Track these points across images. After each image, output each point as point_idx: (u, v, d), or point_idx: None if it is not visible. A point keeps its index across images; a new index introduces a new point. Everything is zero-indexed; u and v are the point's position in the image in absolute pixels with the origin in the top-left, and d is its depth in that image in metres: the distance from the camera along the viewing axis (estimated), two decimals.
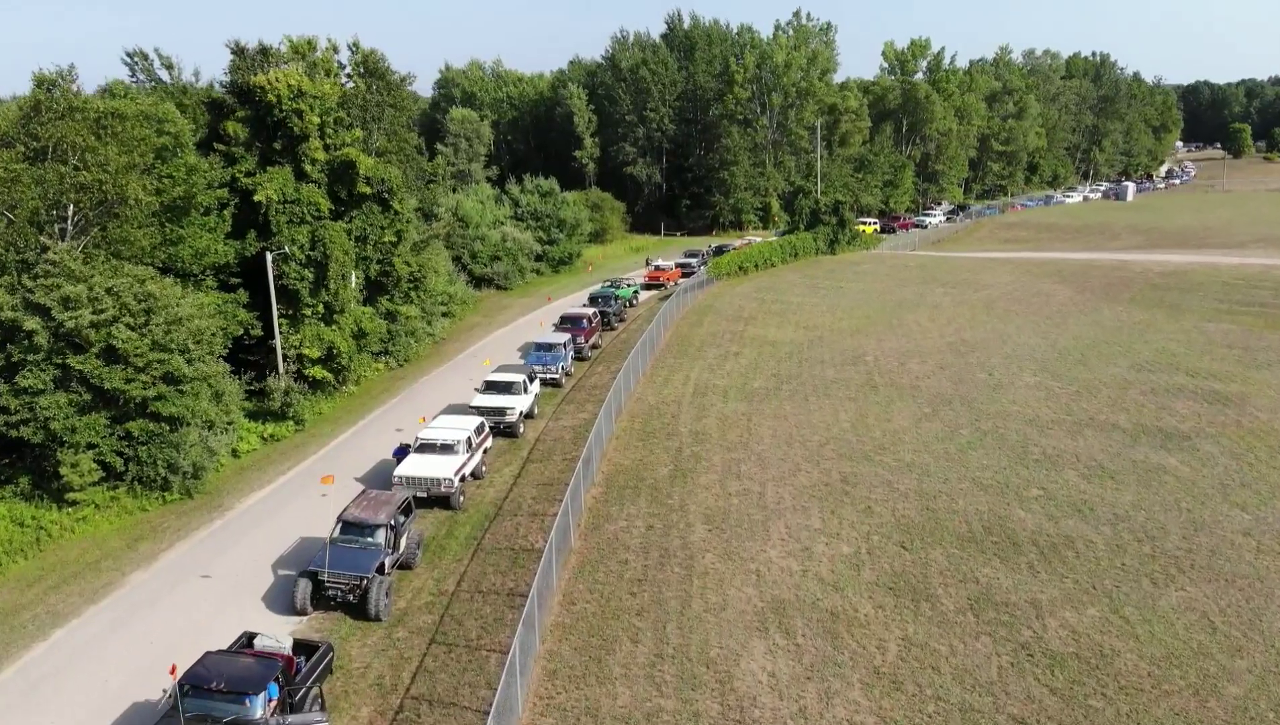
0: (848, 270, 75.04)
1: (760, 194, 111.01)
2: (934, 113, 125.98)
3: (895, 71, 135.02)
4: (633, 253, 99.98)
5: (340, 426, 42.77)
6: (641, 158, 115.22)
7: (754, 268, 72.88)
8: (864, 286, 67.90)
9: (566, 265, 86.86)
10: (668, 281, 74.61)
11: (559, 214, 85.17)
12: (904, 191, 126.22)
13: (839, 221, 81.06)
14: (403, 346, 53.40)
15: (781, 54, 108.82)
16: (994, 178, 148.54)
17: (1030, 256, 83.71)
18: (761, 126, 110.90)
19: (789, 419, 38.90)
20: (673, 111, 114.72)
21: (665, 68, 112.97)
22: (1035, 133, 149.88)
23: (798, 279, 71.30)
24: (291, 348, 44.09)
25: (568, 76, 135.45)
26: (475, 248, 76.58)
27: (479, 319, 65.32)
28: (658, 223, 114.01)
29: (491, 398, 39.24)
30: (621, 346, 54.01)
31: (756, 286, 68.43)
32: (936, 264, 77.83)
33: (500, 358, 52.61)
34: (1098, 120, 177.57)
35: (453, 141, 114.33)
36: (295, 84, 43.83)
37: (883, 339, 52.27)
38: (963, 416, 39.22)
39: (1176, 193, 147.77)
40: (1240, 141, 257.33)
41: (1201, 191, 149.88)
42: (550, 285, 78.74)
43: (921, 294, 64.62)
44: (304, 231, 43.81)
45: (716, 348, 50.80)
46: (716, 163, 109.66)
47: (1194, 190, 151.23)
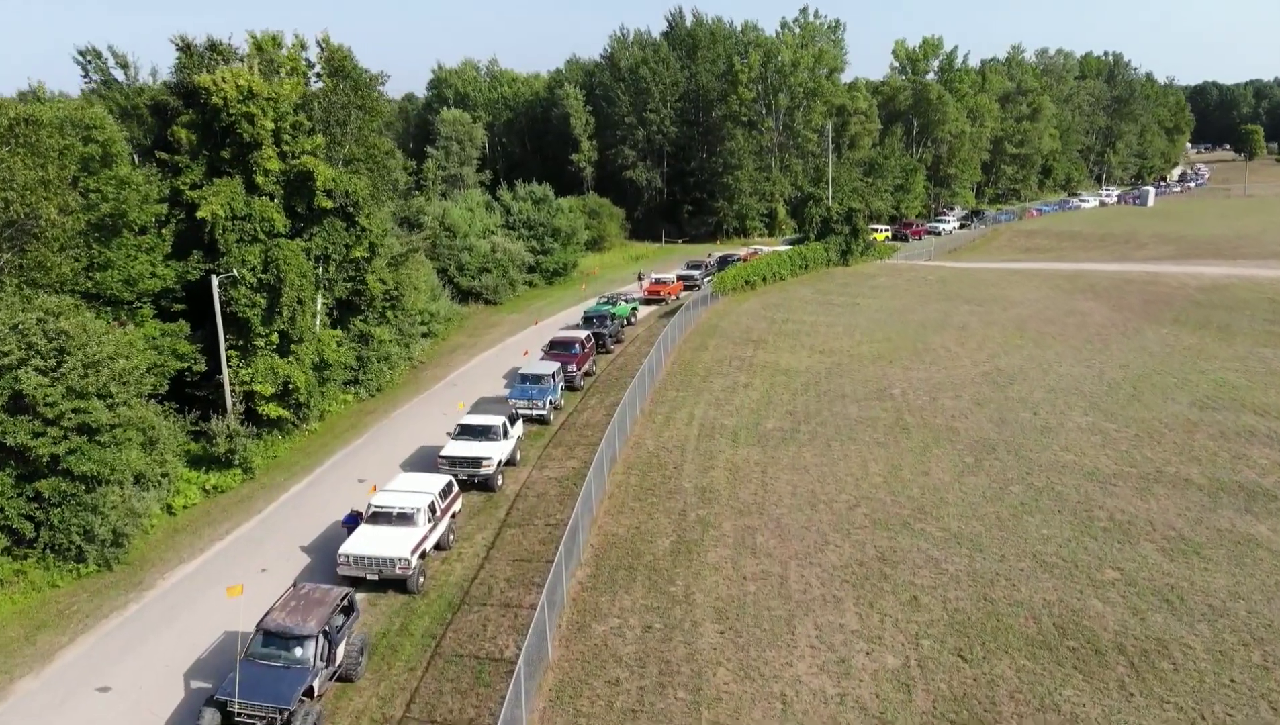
0: (863, 284, 69.73)
1: (766, 199, 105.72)
2: (946, 114, 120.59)
3: (906, 71, 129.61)
4: (632, 262, 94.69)
5: (296, 473, 37.47)
6: (641, 161, 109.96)
7: (761, 281, 67.63)
8: (882, 303, 62.58)
9: (561, 276, 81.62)
10: (669, 296, 69.33)
11: (553, 222, 79.92)
12: (915, 196, 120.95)
13: (852, 231, 75.78)
14: (375, 374, 48.14)
15: (788, 53, 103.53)
16: (1007, 182, 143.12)
17: (1055, 268, 78.37)
18: (767, 128, 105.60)
19: (810, 471, 33.58)
20: (674, 113, 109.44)
21: (666, 67, 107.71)
22: (1050, 135, 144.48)
23: (809, 294, 65.99)
24: (241, 383, 38.81)
25: (564, 76, 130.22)
26: (463, 259, 71.35)
27: (463, 339, 60.04)
28: (658, 229, 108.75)
29: (465, 446, 33.89)
30: (618, 373, 48.72)
31: (765, 303, 63.13)
32: (957, 277, 72.52)
33: (482, 387, 47.31)
34: (1111, 122, 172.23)
35: (443, 145, 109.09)
36: (245, 84, 38.53)
37: (909, 367, 46.95)
38: (1011, 468, 33.90)
39: (1195, 197, 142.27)
40: (1253, 143, 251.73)
41: (1222, 196, 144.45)
42: (543, 298, 73.48)
43: (946, 313, 59.29)
44: (255, 251, 38.53)
45: (723, 377, 45.49)
46: (720, 167, 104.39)
47: (1213, 195, 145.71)
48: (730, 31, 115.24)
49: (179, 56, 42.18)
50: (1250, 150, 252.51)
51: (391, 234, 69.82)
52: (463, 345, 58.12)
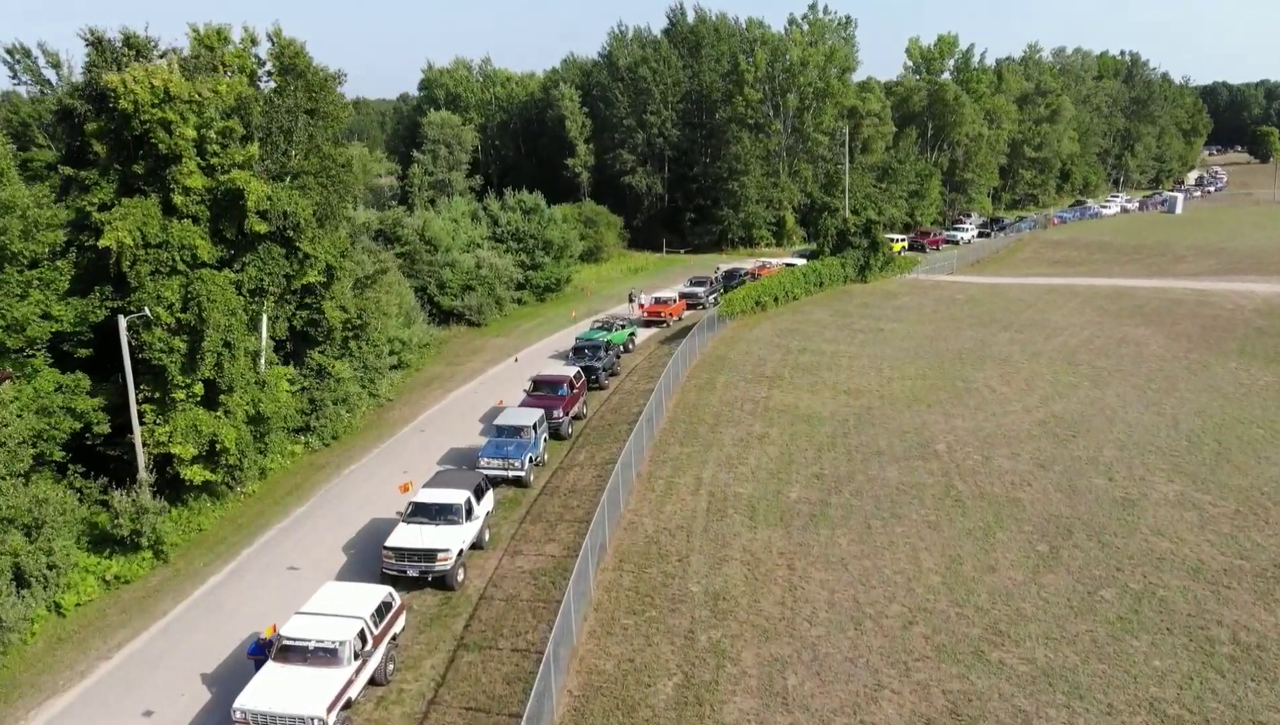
0: (885, 305, 63.14)
1: (774, 207, 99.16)
2: (963, 116, 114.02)
3: (920, 71, 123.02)
4: (631, 275, 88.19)
5: (219, 556, 30.94)
6: (641, 166, 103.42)
7: (773, 302, 61.07)
8: (909, 328, 55.98)
9: (554, 292, 75.12)
10: (670, 317, 62.77)
11: (544, 234, 73.39)
12: (930, 203, 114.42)
13: (871, 244, 69.23)
14: (330, 420, 41.59)
15: (796, 51, 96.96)
16: (1025, 187, 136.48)
17: (1091, 285, 71.83)
18: (775, 131, 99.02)
19: (849, 566, 27.00)
20: (675, 115, 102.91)
21: (667, 66, 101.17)
22: (1069, 137, 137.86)
23: (827, 317, 59.41)
24: (157, 444, 32.27)
25: (560, 76, 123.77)
26: (444, 276, 64.81)
27: (440, 369, 53.49)
28: (659, 238, 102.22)
29: (418, 532, 27.25)
30: (613, 417, 42.17)
31: (778, 328, 56.55)
32: (988, 296, 65.92)
33: (454, 434, 40.77)
34: (1130, 124, 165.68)
35: (431, 148, 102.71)
36: (161, 84, 31.97)
37: (951, 412, 40.36)
38: (1096, 561, 27.34)
39: (1222, 204, 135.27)
40: (1268, 145, 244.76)
41: (1249, 202, 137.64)
42: (533, 318, 66.95)
43: (983, 341, 52.71)
44: (174, 286, 31.98)
45: (735, 426, 38.90)
46: (725, 172, 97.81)
47: (1237, 200, 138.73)
48: (735, 29, 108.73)
49: (89, 52, 35.57)
50: (1265, 152, 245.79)
51: (364, 249, 63.66)
52: (439, 377, 51.56)
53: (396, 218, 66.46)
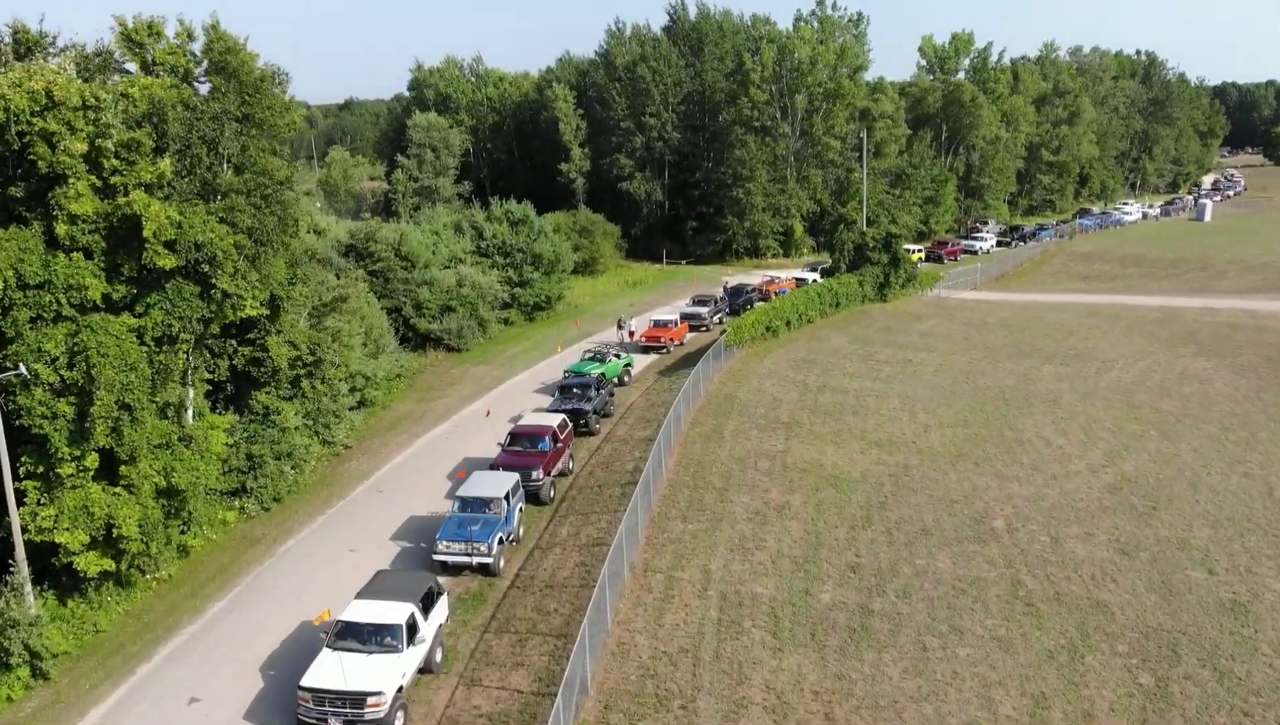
0: (909, 329, 56.99)
1: (781, 215, 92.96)
2: (981, 118, 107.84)
3: (934, 71, 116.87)
4: (628, 289, 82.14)
5: (112, 673, 24.82)
6: (639, 172, 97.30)
7: (785, 326, 54.96)
8: (941, 360, 49.85)
9: (545, 311, 69.01)
10: (671, 342, 56.67)
11: (533, 248, 67.25)
12: (945, 210, 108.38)
13: (891, 260, 63.09)
14: (272, 479, 35.49)
15: (805, 49, 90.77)
16: (1042, 192, 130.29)
17: (1131, 304, 65.76)
18: (782, 135, 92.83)
19: (903, 713, 20.86)
20: (676, 117, 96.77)
21: (668, 65, 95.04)
22: (1089, 140, 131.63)
23: (846, 344, 53.28)
24: (39, 530, 26.16)
25: (555, 75, 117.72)
26: (420, 296, 58.73)
27: (410, 406, 47.41)
28: (659, 248, 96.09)
29: (340, 669, 21.02)
30: (603, 473, 36.07)
31: (793, 358, 50.45)
32: (1023, 319, 59.76)
33: (417, 494, 34.70)
34: (1148, 125, 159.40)
35: (416, 152, 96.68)
36: (42, 89, 25.84)
37: (1004, 473, 34.23)
38: (1215, 700, 21.26)
39: (1247, 211, 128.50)
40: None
41: (1274, 208, 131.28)
42: (520, 341, 60.87)
43: (1026, 377, 46.60)
44: (58, 335, 25.89)
45: (749, 491, 32.80)
46: (729, 178, 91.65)
47: (1263, 207, 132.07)
48: (739, 26, 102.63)
49: None
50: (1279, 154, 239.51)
51: (336, 268, 57.58)
52: (408, 417, 45.44)
53: (369, 231, 60.33)
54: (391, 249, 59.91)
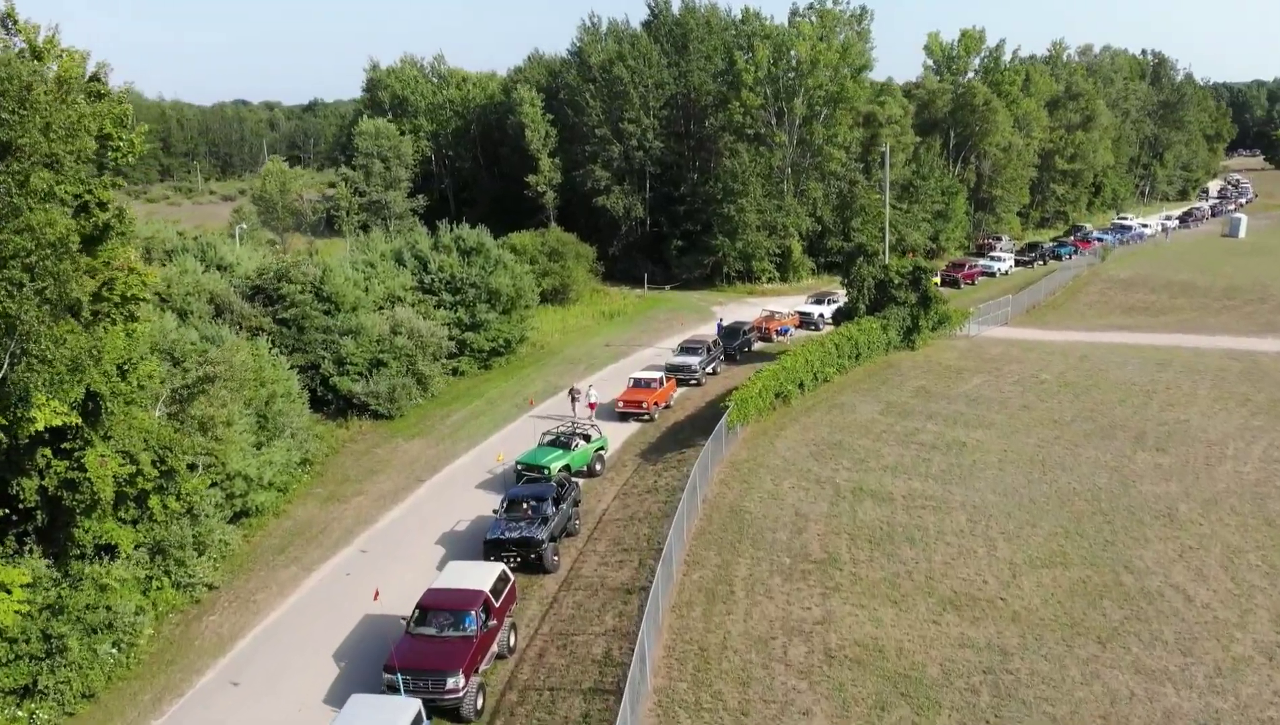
0: (951, 392, 45.95)
1: (778, 234, 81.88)
2: (996, 123, 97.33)
3: (941, 71, 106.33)
4: (604, 322, 70.99)
5: None
6: (617, 184, 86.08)
7: (798, 389, 43.87)
8: (1001, 441, 38.85)
9: (504, 356, 57.65)
10: (655, 406, 45.55)
11: (489, 282, 55.87)
12: (956, 224, 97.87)
13: (921, 299, 52.11)
14: (80, 667, 24.09)
15: (805, 46, 79.83)
16: (1055, 203, 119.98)
17: (1198, 347, 55.32)
18: (779, 143, 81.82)
19: None
20: (659, 123, 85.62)
21: (648, 64, 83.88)
22: (1105, 147, 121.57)
23: (877, 416, 42.22)
24: None
25: (524, 75, 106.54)
26: (344, 349, 47.36)
27: (312, 510, 36.01)
28: (640, 270, 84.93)
29: None
30: (558, 658, 24.79)
31: (813, 439, 39.35)
32: (1083, 374, 48.85)
33: (293, 686, 23.27)
34: (1159, 130, 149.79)
35: (362, 163, 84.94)
36: None
37: (1145, 665, 23.23)
38: None
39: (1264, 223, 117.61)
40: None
41: None
42: (469, 400, 49.64)
43: (1118, 471, 35.69)
44: None
45: (773, 707, 21.60)
46: (718, 192, 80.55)
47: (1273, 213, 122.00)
48: (729, 21, 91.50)
49: None
50: None
51: (233, 316, 46.18)
52: (306, 529, 34.05)
53: (282, 268, 48.85)
54: (310, 289, 48.52)
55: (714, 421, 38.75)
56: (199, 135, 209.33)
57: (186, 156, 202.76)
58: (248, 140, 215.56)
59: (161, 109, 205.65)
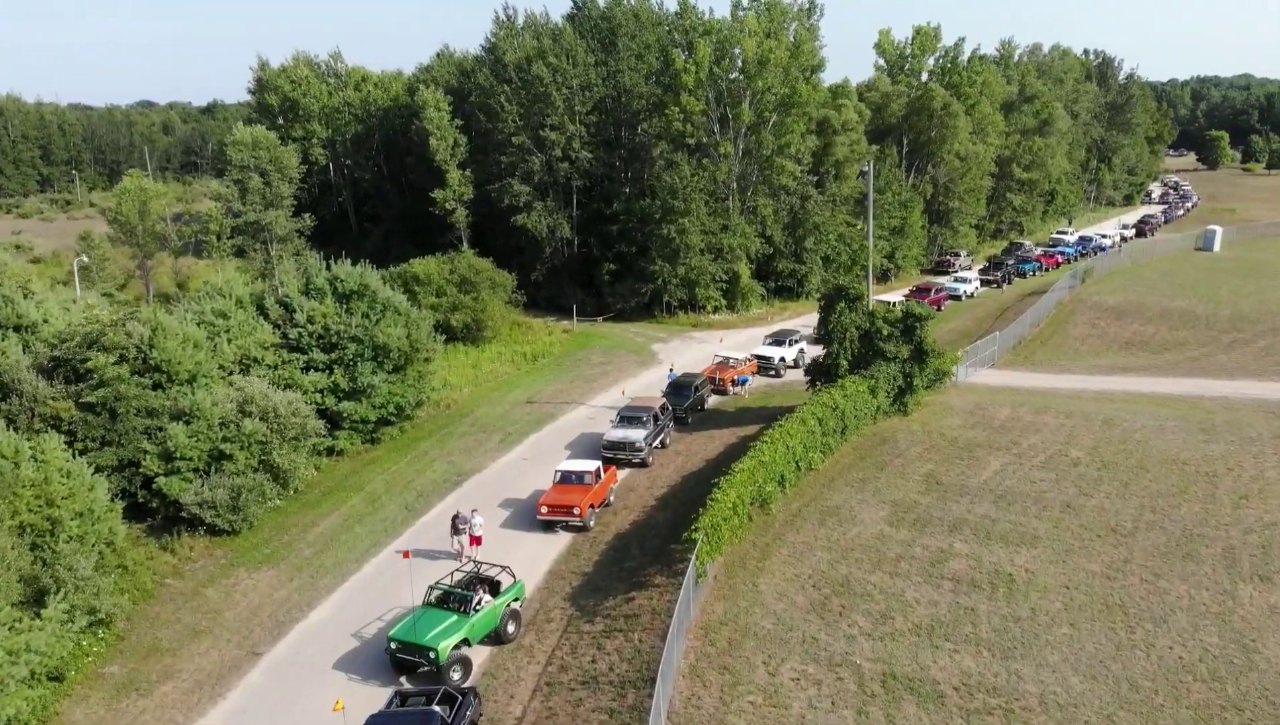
0: (968, 483, 35.81)
1: (724, 257, 71.50)
2: (955, 128, 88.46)
3: (894, 72, 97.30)
4: (526, 366, 59.82)
5: None
6: (540, 201, 74.78)
7: (779, 487, 33.27)
8: (1061, 571, 28.79)
9: (395, 425, 46.05)
10: (590, 509, 34.56)
11: (374, 335, 44.22)
12: (913, 240, 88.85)
13: (915, 352, 42.09)
14: None
15: (751, 44, 69.57)
16: (1012, 214, 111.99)
17: (1232, 398, 46.73)
18: (723, 154, 71.48)
19: None
20: (586, 130, 74.57)
21: (572, 63, 72.76)
22: (1062, 153, 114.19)
23: (885, 528, 31.87)
24: None
25: (432, 74, 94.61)
26: (174, 439, 35.44)
27: (98, 714, 24.21)
28: (567, 299, 73.90)
29: None
30: None
31: (809, 580, 28.80)
32: (1116, 448, 39.14)
33: None
34: (1107, 133, 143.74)
35: (238, 178, 72.14)
36: None
37: None
38: None
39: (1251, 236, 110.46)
40: (1218, 150, 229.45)
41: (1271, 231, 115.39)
42: (349, 495, 38.20)
43: (1226, 622, 26.03)
44: None
45: None
46: (656, 210, 69.82)
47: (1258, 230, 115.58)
48: (662, 16, 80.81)
49: None
50: (1214, 158, 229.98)
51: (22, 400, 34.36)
52: None
53: (93, 332, 36.70)
54: (135, 356, 36.51)
55: (671, 534, 28.04)
56: (83, 141, 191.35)
57: (68, 165, 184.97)
58: (138, 146, 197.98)
59: (40, 113, 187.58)
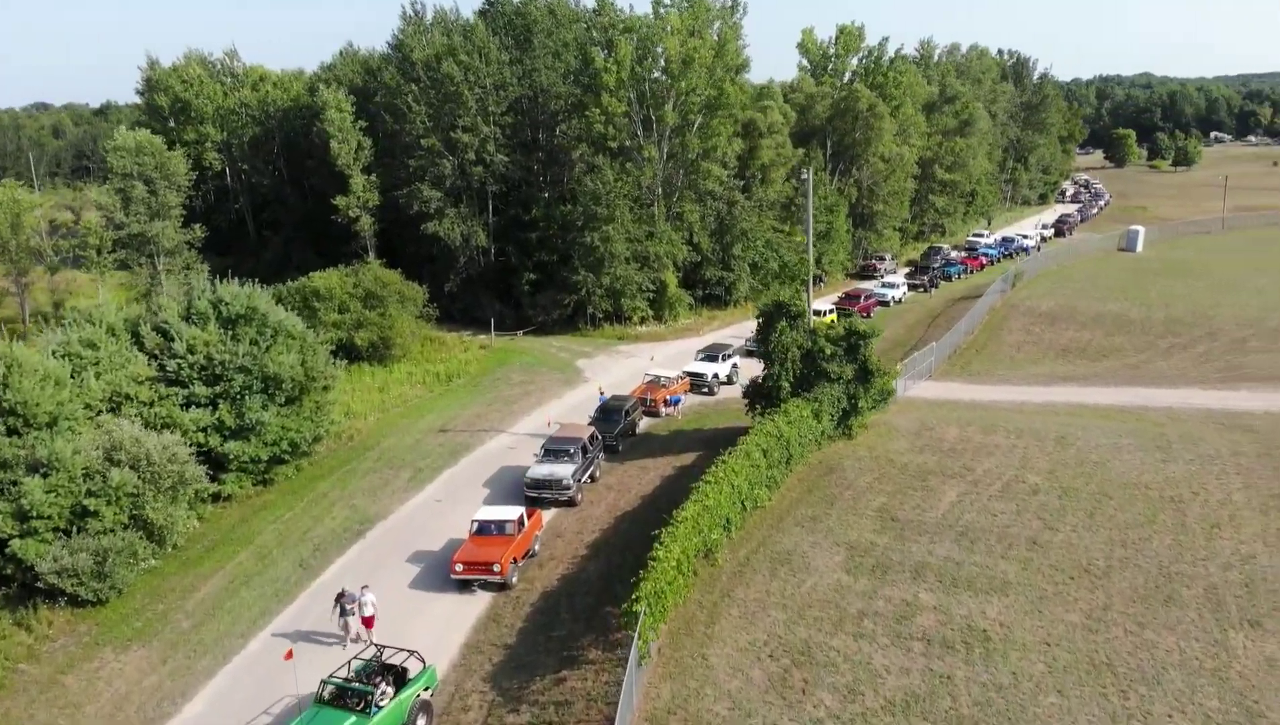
0: (926, 513, 33.01)
1: (651, 265, 68.13)
2: (881, 130, 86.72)
3: (818, 72, 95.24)
4: (439, 387, 55.59)
5: None
6: (452, 207, 70.33)
7: (725, 530, 29.85)
8: (1039, 625, 26.04)
9: (290, 463, 41.44)
10: (512, 563, 30.70)
11: (264, 364, 39.54)
12: (839, 245, 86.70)
13: (860, 371, 39.24)
14: None
15: (675, 43, 66.32)
16: (934, 216, 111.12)
17: (1178, 409, 45.25)
18: (648, 158, 68.07)
19: None
20: (501, 132, 70.37)
21: (485, 61, 68.53)
22: (984, 154, 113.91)
23: (842, 576, 28.72)
24: None
25: (334, 74, 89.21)
26: (28, 496, 30.43)
27: None
28: (485, 311, 69.68)
29: None
30: None
31: (765, 648, 25.40)
32: (1075, 472, 36.79)
33: None
34: (1023, 133, 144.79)
35: (120, 187, 65.91)
36: None
37: None
38: None
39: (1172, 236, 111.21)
40: (1125, 148, 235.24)
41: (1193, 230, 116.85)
42: (237, 549, 33.80)
43: (1223, 679, 23.60)
44: None
45: None
46: (578, 217, 66.05)
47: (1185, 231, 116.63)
48: (580, 13, 76.99)
49: None
50: (1121, 156, 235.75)
51: None
52: None
53: None
54: None
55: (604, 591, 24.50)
56: None
57: None
58: (25, 151, 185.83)
59: None
